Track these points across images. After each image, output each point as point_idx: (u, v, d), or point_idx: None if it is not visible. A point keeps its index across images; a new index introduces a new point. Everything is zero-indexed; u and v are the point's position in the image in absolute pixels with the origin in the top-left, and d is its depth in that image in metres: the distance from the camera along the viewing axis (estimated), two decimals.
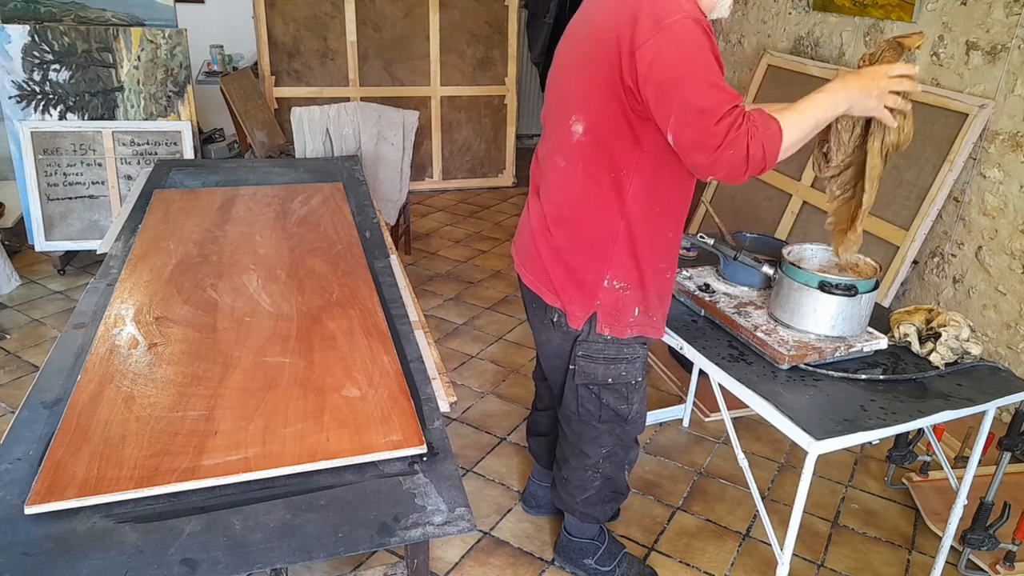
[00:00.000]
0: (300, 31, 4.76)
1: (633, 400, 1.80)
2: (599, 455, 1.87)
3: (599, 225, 1.60)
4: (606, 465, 1.89)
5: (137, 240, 2.28)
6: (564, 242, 1.65)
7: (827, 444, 1.50)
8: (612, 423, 1.82)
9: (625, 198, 1.56)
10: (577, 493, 1.94)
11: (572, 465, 1.91)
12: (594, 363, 1.74)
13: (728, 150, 1.33)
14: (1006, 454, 1.95)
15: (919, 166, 2.86)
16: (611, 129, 1.50)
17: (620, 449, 1.88)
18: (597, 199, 1.58)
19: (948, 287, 2.93)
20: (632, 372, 1.77)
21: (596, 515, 1.98)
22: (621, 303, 1.66)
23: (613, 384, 1.77)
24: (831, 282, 1.70)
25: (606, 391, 1.78)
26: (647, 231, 1.60)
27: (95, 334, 1.74)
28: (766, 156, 1.35)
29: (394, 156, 3.93)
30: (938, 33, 2.93)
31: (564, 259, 1.66)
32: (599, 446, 1.85)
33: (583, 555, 2.05)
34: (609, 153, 1.53)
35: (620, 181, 1.55)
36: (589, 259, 1.64)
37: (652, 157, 1.52)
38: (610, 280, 1.64)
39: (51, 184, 3.66)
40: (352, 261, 2.19)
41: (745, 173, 1.36)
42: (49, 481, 1.26)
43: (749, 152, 1.33)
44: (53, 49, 3.59)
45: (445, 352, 3.23)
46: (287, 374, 1.60)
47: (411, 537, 1.24)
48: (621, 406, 1.79)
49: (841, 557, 2.20)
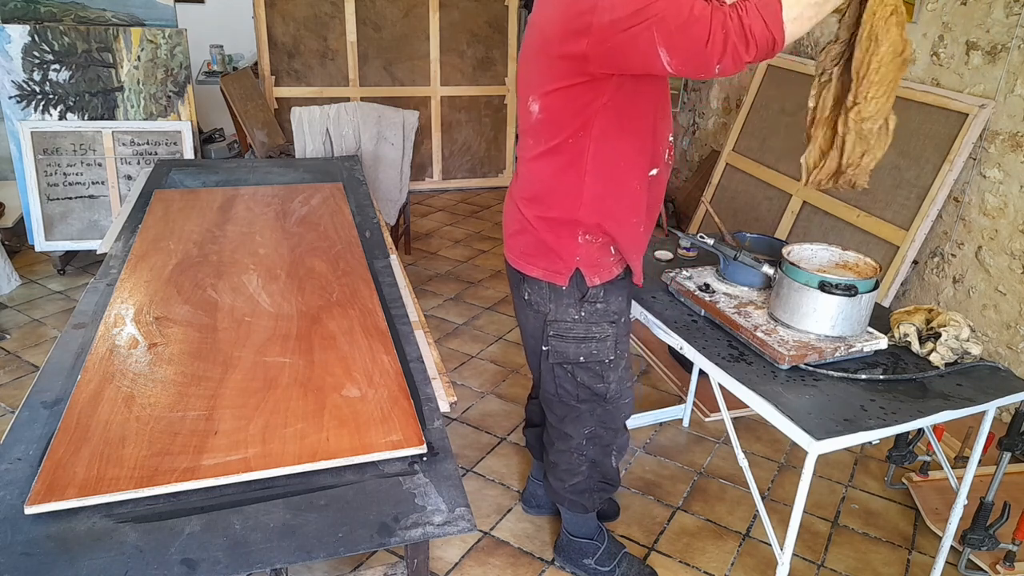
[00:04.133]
0: (300, 31, 4.76)
1: (609, 379, 1.82)
2: (582, 435, 1.89)
3: (565, 191, 1.64)
4: (590, 447, 1.90)
5: (137, 240, 2.28)
6: (536, 213, 1.70)
7: (827, 444, 1.50)
8: (591, 403, 1.84)
9: (585, 161, 1.60)
10: (566, 478, 1.95)
11: (558, 448, 1.93)
12: (565, 342, 1.77)
13: (721, 42, 1.31)
14: (1006, 454, 1.96)
15: (919, 166, 2.86)
16: (564, 101, 1.54)
17: (603, 431, 1.89)
18: (560, 168, 1.62)
19: (948, 287, 2.93)
20: (603, 351, 1.78)
21: (585, 504, 1.98)
22: (597, 252, 1.70)
23: (586, 363, 1.79)
24: (831, 282, 1.70)
25: (580, 369, 1.80)
26: (612, 188, 1.64)
27: (95, 334, 1.74)
28: (769, 27, 1.31)
29: (394, 156, 3.93)
30: (938, 33, 2.93)
31: (539, 228, 1.71)
32: (581, 426, 1.88)
33: (583, 555, 2.05)
34: (562, 123, 1.57)
35: (578, 146, 1.58)
36: (561, 224, 1.68)
37: (604, 119, 1.55)
38: (584, 236, 1.68)
39: (51, 184, 3.66)
40: (352, 261, 2.19)
41: (752, 52, 1.32)
42: (49, 481, 1.26)
43: (745, 28, 1.31)
44: (53, 49, 3.59)
45: (445, 352, 3.23)
46: (287, 374, 1.60)
47: (411, 537, 1.24)
48: (597, 385, 1.82)
49: (841, 557, 2.20)
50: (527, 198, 1.72)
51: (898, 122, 1.64)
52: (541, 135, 1.62)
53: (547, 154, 1.62)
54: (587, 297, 1.73)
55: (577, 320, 1.74)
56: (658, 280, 2.15)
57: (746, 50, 1.32)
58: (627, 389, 1.88)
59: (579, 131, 1.56)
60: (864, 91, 1.57)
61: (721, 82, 4.43)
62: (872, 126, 1.61)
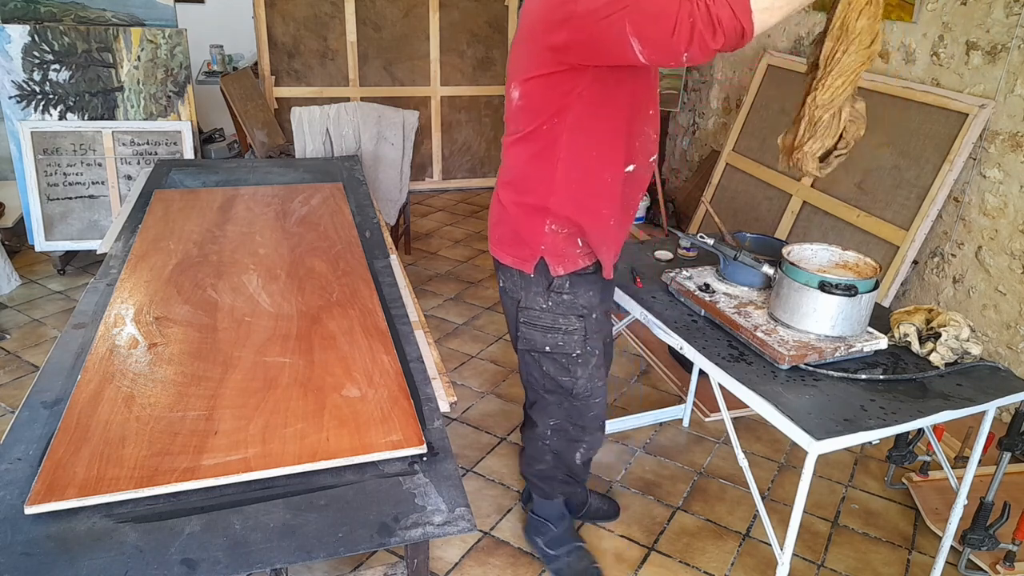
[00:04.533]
0: (300, 31, 4.76)
1: (577, 374, 1.82)
2: (547, 426, 1.91)
3: (539, 178, 1.67)
4: (555, 439, 1.93)
5: (137, 240, 2.28)
6: (511, 199, 1.74)
7: (827, 444, 1.50)
8: (558, 395, 1.86)
9: (558, 149, 1.62)
10: (531, 463, 2.00)
11: (527, 434, 2.00)
12: (533, 330, 1.79)
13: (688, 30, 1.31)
14: (1006, 454, 1.96)
15: (919, 166, 2.86)
16: (541, 89, 1.57)
17: (570, 426, 1.91)
18: (534, 154, 1.65)
19: (948, 287, 2.93)
20: (570, 344, 1.79)
21: (546, 491, 2.03)
22: (563, 243, 1.71)
23: (552, 353, 1.80)
24: (831, 282, 1.70)
25: (546, 359, 1.82)
26: (584, 179, 1.65)
27: (95, 334, 1.74)
28: (737, 16, 1.30)
29: (394, 156, 3.93)
30: (938, 33, 2.93)
31: (511, 214, 1.74)
32: (548, 416, 1.90)
33: (538, 533, 2.12)
34: (538, 110, 1.60)
35: (552, 134, 1.61)
36: (533, 211, 1.70)
37: (578, 109, 1.57)
38: (550, 225, 1.69)
39: (51, 184, 3.66)
40: (352, 261, 2.19)
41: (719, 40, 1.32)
42: (49, 481, 1.26)
43: (712, 17, 1.30)
44: (53, 49, 3.59)
45: (445, 352, 3.23)
46: (287, 374, 1.60)
47: (411, 537, 1.24)
48: (563, 378, 1.82)
49: (841, 557, 2.20)
50: (504, 183, 1.76)
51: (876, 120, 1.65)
52: (519, 121, 1.65)
53: (523, 140, 1.65)
54: (553, 287, 1.74)
55: (545, 309, 1.77)
56: (658, 280, 2.15)
57: (713, 38, 1.32)
58: (598, 388, 1.88)
59: (553, 119, 1.58)
60: (823, 79, 1.58)
61: (721, 82, 4.43)
62: (822, 114, 1.61)
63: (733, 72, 4.31)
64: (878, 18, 1.51)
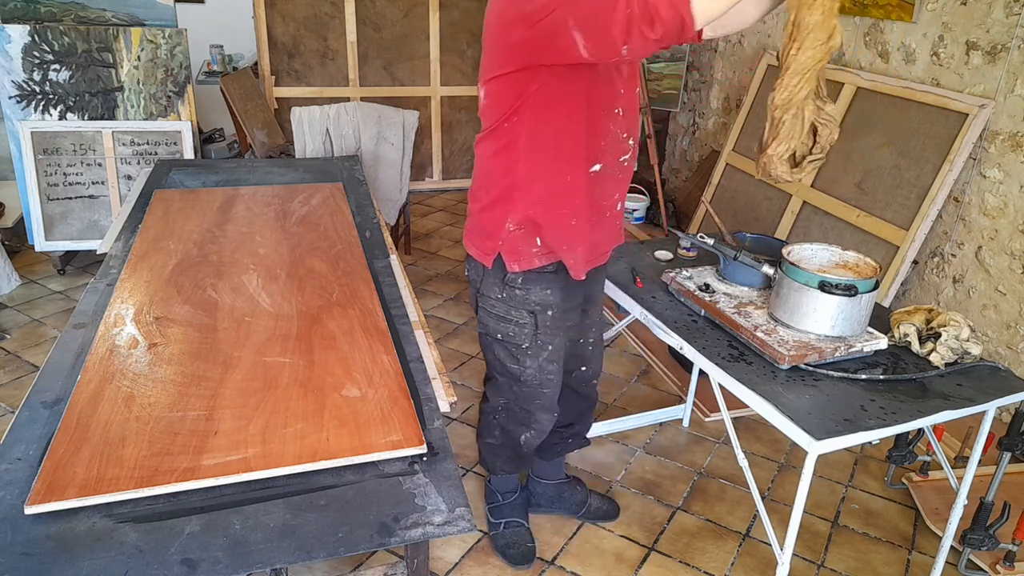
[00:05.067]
0: (300, 31, 4.76)
1: (526, 364, 1.87)
2: (498, 403, 2.00)
3: (501, 174, 1.71)
4: (503, 416, 2.01)
5: (137, 240, 2.28)
6: (477, 195, 1.80)
7: (827, 444, 1.50)
8: (507, 378, 1.93)
9: (518, 147, 1.65)
10: (483, 434, 2.09)
11: (482, 407, 2.09)
12: (488, 316, 1.87)
13: (625, 23, 1.31)
14: (1006, 454, 1.96)
15: (919, 166, 2.86)
16: (501, 88, 1.61)
17: (518, 408, 1.97)
18: (496, 151, 1.69)
19: (948, 287, 2.93)
20: (520, 336, 1.84)
21: (491, 464, 2.12)
22: (521, 241, 1.74)
23: (503, 340, 1.87)
24: (831, 282, 1.70)
25: (497, 345, 1.88)
26: (544, 177, 1.68)
27: (95, 334, 1.74)
28: (676, 6, 1.30)
29: (394, 156, 3.93)
30: (938, 33, 2.93)
31: (476, 210, 1.81)
32: (498, 395, 1.99)
33: (487, 499, 2.24)
34: (499, 109, 1.63)
35: (512, 132, 1.64)
36: (494, 206, 1.74)
37: (536, 107, 1.59)
38: (510, 223, 1.73)
39: (51, 184, 3.66)
40: (352, 261, 2.19)
41: (658, 32, 1.31)
42: (49, 481, 1.26)
43: (650, 9, 1.30)
44: (53, 49, 3.59)
45: (445, 352, 3.23)
46: (287, 374, 1.60)
47: (411, 537, 1.24)
48: (512, 365, 1.89)
49: (841, 557, 2.20)
50: (474, 178, 1.82)
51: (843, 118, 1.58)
52: (485, 120, 1.69)
53: (487, 138, 1.70)
54: (507, 280, 1.79)
55: (499, 299, 1.82)
56: (658, 280, 2.15)
57: (651, 30, 1.32)
58: (547, 380, 1.91)
59: (512, 117, 1.62)
60: (780, 78, 1.53)
61: (721, 82, 4.43)
62: (782, 115, 1.56)
63: (733, 72, 4.31)
64: (833, 12, 1.45)
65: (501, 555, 2.12)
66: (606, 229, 1.83)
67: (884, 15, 3.17)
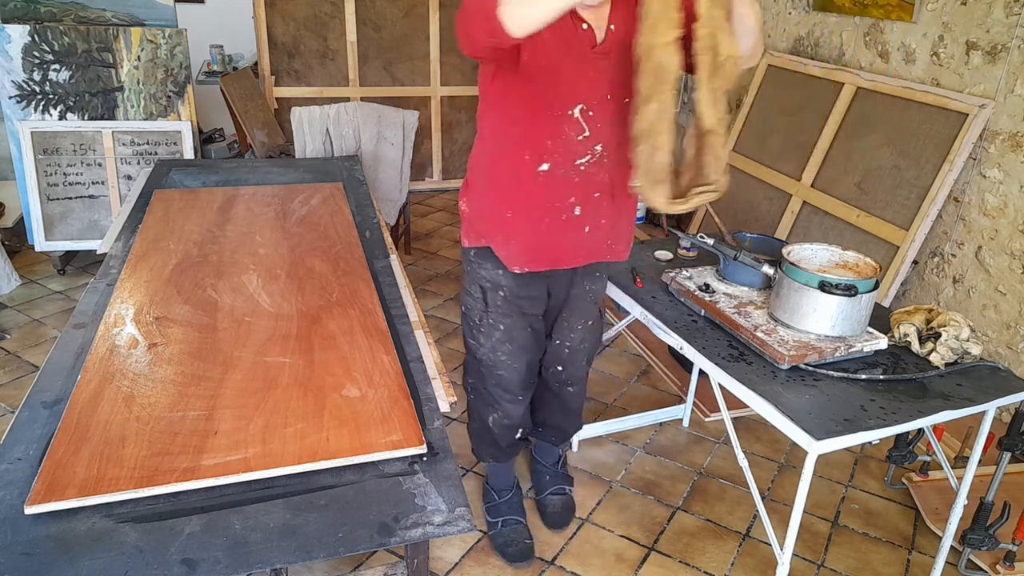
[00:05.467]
0: (300, 31, 4.76)
1: (480, 340, 1.95)
2: (468, 382, 2.09)
3: (475, 159, 1.85)
4: (473, 398, 2.10)
5: (137, 240, 2.28)
6: None
7: (827, 444, 1.50)
8: (470, 355, 2.02)
9: (483, 136, 1.80)
10: (470, 419, 2.18)
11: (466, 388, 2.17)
12: (463, 288, 1.98)
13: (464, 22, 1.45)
14: (1006, 454, 1.96)
15: (919, 166, 2.86)
16: (479, 79, 1.75)
17: (481, 388, 2.04)
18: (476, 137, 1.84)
19: (948, 287, 2.93)
20: (473, 309, 1.94)
21: (477, 448, 2.20)
22: (469, 221, 1.88)
23: (465, 313, 1.99)
24: (831, 282, 1.70)
25: (463, 317, 2.01)
26: (487, 167, 1.80)
27: (95, 334, 1.74)
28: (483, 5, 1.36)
29: (394, 156, 3.93)
30: (938, 33, 2.93)
31: None
32: (468, 373, 2.08)
33: (484, 499, 2.27)
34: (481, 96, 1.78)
35: (482, 121, 1.79)
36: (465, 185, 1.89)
37: (491, 103, 1.74)
38: (464, 203, 1.89)
39: (51, 184, 3.66)
40: (352, 261, 2.19)
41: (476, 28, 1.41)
42: (49, 481, 1.26)
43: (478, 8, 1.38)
44: (53, 49, 3.59)
45: (445, 352, 3.22)
46: (287, 374, 1.60)
47: (411, 537, 1.24)
48: (470, 340, 2.00)
49: (841, 557, 2.20)
50: None
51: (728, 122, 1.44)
52: None
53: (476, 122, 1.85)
54: (464, 253, 1.91)
55: (465, 272, 1.95)
56: (658, 280, 2.15)
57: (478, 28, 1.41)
58: (501, 362, 1.94)
59: (481, 106, 1.77)
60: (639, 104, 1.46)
61: None
62: (639, 144, 1.47)
63: None
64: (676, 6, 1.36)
65: (500, 553, 2.12)
66: (567, 234, 1.77)
67: (884, 15, 3.17)
